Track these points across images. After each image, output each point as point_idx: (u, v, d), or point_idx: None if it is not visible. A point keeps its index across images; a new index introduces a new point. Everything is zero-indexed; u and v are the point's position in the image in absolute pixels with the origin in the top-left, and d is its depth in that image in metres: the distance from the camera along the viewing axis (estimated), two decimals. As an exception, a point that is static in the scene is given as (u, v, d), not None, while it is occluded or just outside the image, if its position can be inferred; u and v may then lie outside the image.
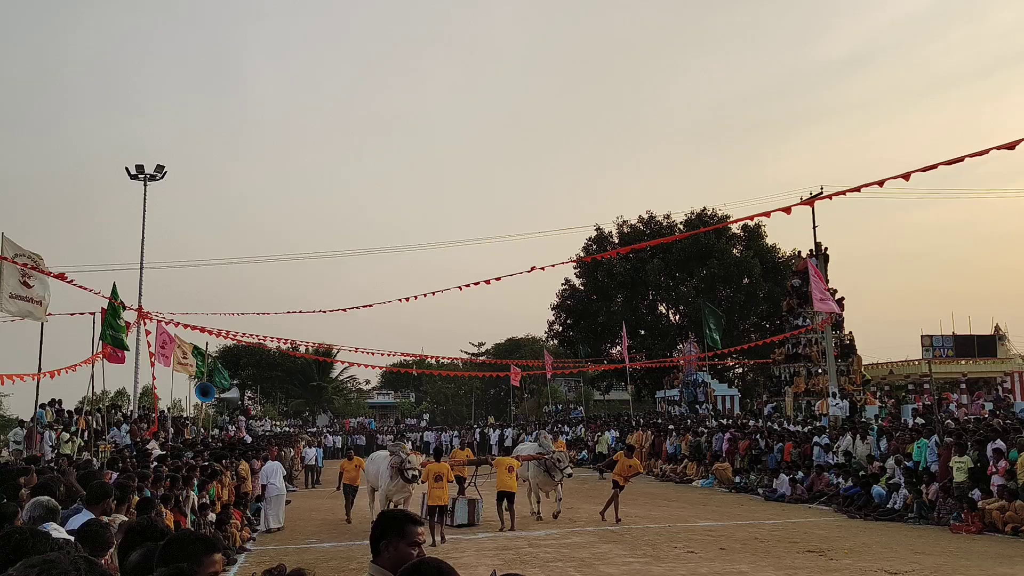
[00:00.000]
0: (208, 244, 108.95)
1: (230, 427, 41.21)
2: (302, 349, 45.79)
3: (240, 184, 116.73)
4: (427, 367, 53.92)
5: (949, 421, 23.81)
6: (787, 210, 16.54)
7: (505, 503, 16.87)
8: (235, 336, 29.21)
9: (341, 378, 77.73)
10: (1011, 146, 11.31)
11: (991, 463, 16.48)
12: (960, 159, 10.64)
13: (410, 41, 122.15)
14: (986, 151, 11.73)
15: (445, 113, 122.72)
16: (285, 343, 35.04)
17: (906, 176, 12.43)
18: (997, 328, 45.26)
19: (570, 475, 18.46)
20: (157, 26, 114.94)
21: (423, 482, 16.05)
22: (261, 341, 31.20)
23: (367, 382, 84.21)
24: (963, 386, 37.74)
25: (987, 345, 43.20)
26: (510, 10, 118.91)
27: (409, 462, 16.19)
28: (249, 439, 31.30)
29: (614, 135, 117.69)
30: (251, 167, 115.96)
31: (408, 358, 53.23)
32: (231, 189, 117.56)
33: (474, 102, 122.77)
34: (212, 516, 13.74)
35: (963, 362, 41.43)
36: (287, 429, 54.97)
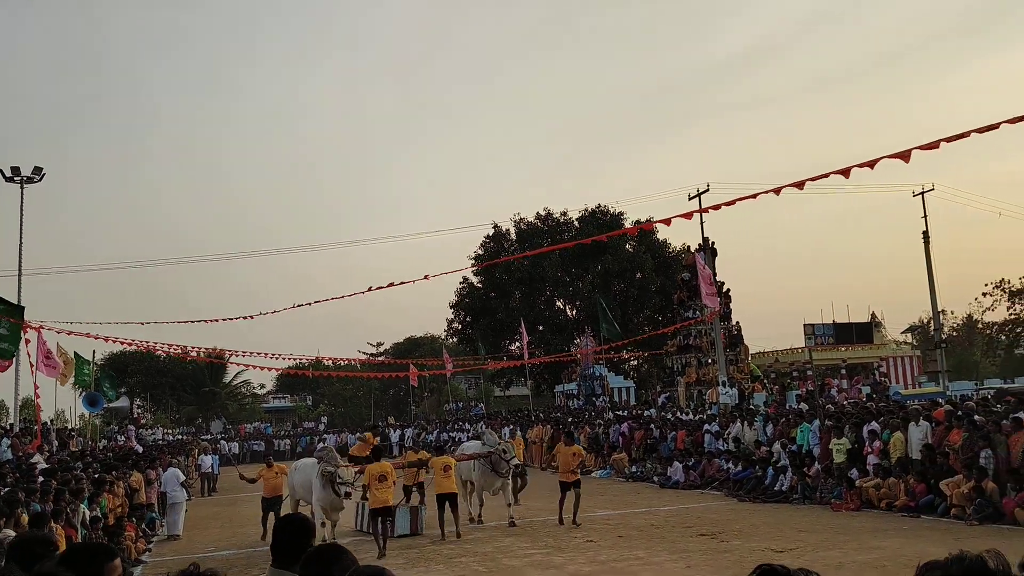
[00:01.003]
0: (90, 248, 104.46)
1: (119, 437, 39.76)
2: (193, 354, 44.61)
3: (128, 185, 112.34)
4: (324, 369, 53.22)
5: (830, 406, 25.14)
6: (686, 215, 17.32)
7: (448, 506, 15.17)
8: (124, 341, 28.19)
9: (235, 383, 75.88)
10: (905, 156, 11.80)
11: (867, 444, 17.52)
12: (847, 169, 11.14)
13: (293, 34, 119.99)
14: (877, 160, 12.28)
15: (335, 109, 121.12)
16: (175, 349, 34.01)
17: (799, 185, 12.63)
18: (874, 316, 47.88)
19: (518, 465, 17.27)
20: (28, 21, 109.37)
21: (365, 484, 14.63)
22: (150, 347, 30.23)
23: (262, 386, 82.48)
24: (843, 371, 39.69)
25: (865, 332, 45.50)
26: (398, 5, 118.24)
27: (340, 476, 14.45)
28: (140, 449, 30.31)
29: (511, 131, 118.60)
30: (141, 168, 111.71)
31: (304, 360, 52.38)
32: (116, 190, 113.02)
33: (363, 97, 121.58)
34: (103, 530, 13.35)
35: (843, 349, 43.51)
36: (180, 437, 53.36)
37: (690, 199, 32.78)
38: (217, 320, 24.89)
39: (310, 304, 20.84)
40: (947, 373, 36.15)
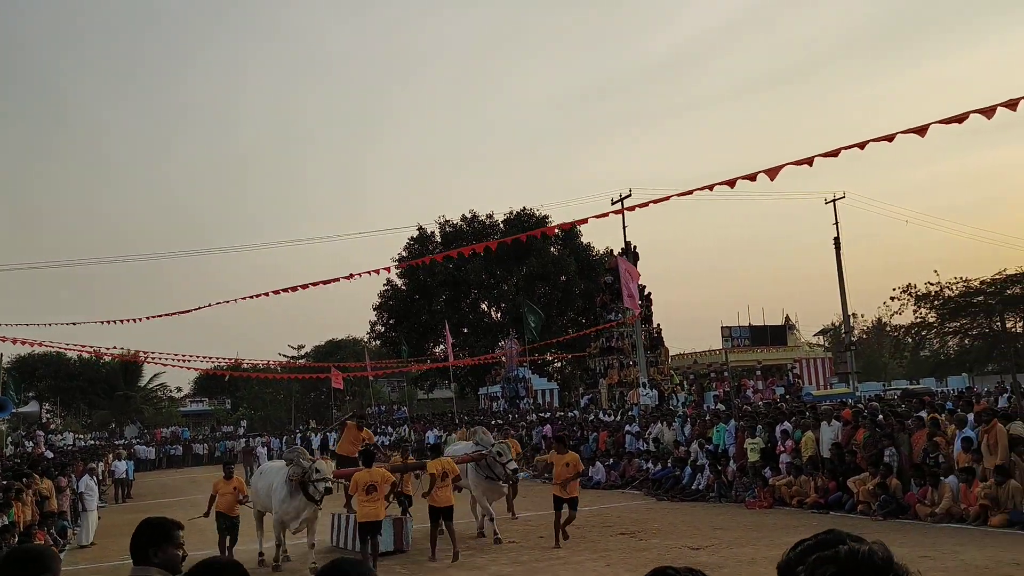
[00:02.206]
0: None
1: (27, 443, 38.36)
2: (106, 358, 43.22)
3: (41, 184, 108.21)
4: (244, 371, 52.21)
5: (746, 406, 25.89)
6: (605, 215, 17.82)
7: (441, 523, 12.97)
8: (31, 342, 27.20)
9: (151, 386, 73.85)
10: (808, 161, 12.46)
11: (779, 443, 18.12)
12: (754, 175, 11.61)
13: (223, 32, 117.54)
14: (780, 167, 12.85)
15: (259, 107, 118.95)
16: (87, 350, 32.96)
17: (710, 187, 13.33)
18: (787, 319, 49.35)
19: (515, 471, 14.80)
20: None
21: (351, 494, 12.74)
22: (61, 348, 29.27)
23: (179, 390, 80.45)
24: (758, 373, 40.85)
25: (779, 335, 46.96)
26: (331, 5, 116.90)
27: (317, 470, 12.51)
28: (51, 455, 29.30)
29: (436, 133, 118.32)
30: (52, 162, 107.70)
31: (223, 363, 51.27)
32: (30, 189, 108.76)
33: (293, 96, 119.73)
34: (15, 540, 12.93)
35: (758, 350, 44.79)
36: (92, 442, 51.73)
37: (613, 204, 33.34)
38: (124, 321, 24.11)
39: (225, 303, 20.47)
40: (857, 374, 37.51)
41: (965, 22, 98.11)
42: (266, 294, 19.95)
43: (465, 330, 54.42)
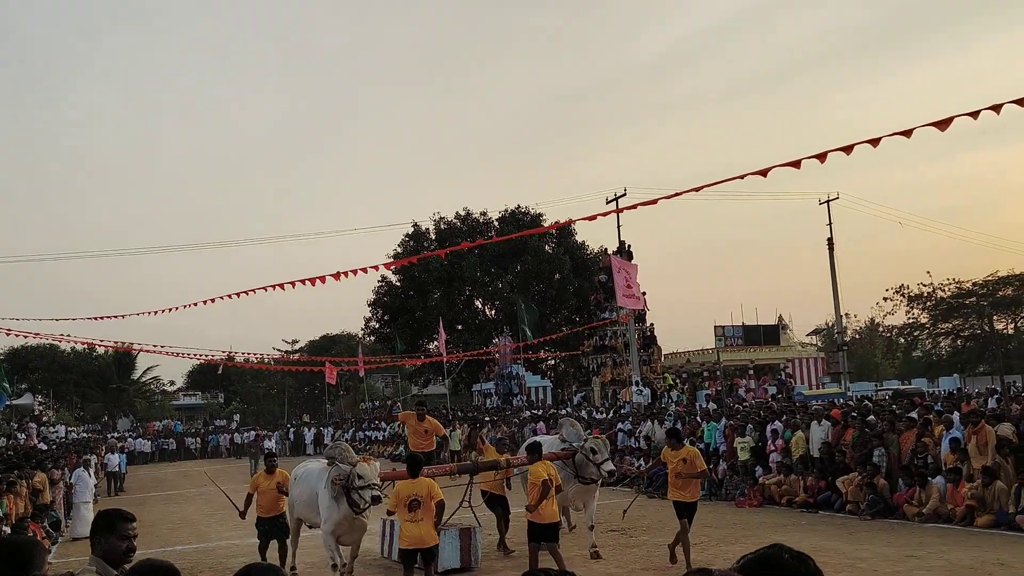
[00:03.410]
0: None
1: (19, 435, 38.35)
2: (100, 350, 43.29)
3: (30, 175, 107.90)
4: (238, 364, 52.21)
5: (738, 405, 26.05)
6: (599, 216, 17.88)
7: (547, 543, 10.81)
8: (25, 333, 27.16)
9: (144, 379, 73.83)
10: (796, 164, 12.59)
11: (769, 442, 18.26)
12: (744, 176, 11.68)
13: (218, 23, 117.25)
14: (769, 169, 12.96)
15: (256, 101, 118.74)
16: (81, 342, 32.93)
17: (697, 189, 13.28)
18: (780, 319, 49.56)
19: (612, 472, 12.56)
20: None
21: (391, 511, 9.95)
22: (56, 340, 29.19)
23: (171, 383, 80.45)
24: (751, 372, 41.07)
25: (772, 334, 47.17)
26: (326, 2, 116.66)
27: (359, 476, 10.02)
28: (44, 447, 29.34)
29: (432, 130, 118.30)
30: (45, 153, 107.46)
31: (217, 357, 51.26)
32: (21, 180, 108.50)
33: (288, 91, 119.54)
34: (7, 530, 13.00)
35: (751, 350, 44.99)
36: (85, 435, 51.70)
37: (608, 203, 33.47)
38: (119, 316, 24.01)
39: (215, 300, 20.28)
40: (849, 374, 37.82)
41: (954, 24, 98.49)
42: (254, 291, 19.82)
43: (459, 327, 54.52)
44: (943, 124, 8.11)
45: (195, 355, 41.27)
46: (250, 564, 2.90)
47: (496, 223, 54.84)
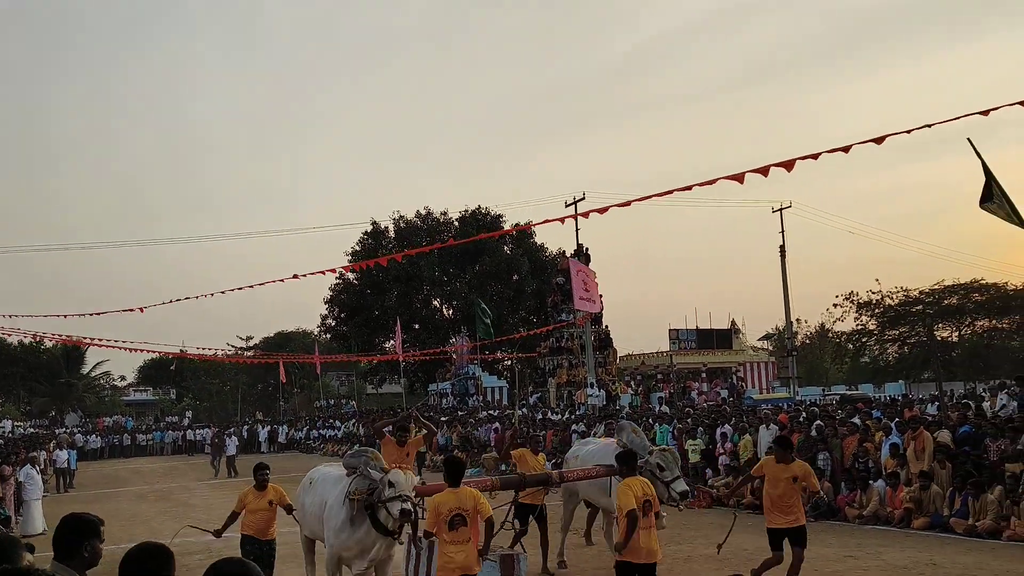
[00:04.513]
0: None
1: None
2: (48, 344, 42.50)
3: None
4: (189, 361, 51.68)
5: (689, 408, 26.57)
6: (555, 220, 18.10)
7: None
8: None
9: (93, 374, 72.63)
10: (739, 178, 13.01)
11: (719, 445, 18.73)
12: (691, 186, 12.06)
13: (174, 16, 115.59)
14: (715, 180, 13.36)
15: (210, 94, 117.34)
16: (28, 337, 32.45)
17: (645, 198, 13.51)
18: (734, 323, 50.40)
19: (684, 495, 9.54)
20: None
21: (429, 529, 7.40)
22: (2, 334, 28.79)
23: (122, 378, 79.28)
24: (703, 375, 41.75)
25: (725, 338, 47.91)
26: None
27: (391, 484, 7.86)
28: (-9, 443, 28.81)
29: (393, 128, 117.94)
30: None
31: (169, 351, 50.70)
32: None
33: (244, 84, 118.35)
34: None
35: (704, 353, 45.68)
36: (32, 430, 50.81)
37: (567, 206, 33.85)
38: (67, 316, 23.70)
39: (170, 302, 20.21)
40: (799, 379, 38.65)
41: (915, 35, 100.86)
42: (211, 294, 19.80)
43: (416, 326, 54.57)
44: (879, 140, 8.59)
45: (147, 349, 40.83)
46: (220, 559, 2.98)
47: (456, 223, 55.01)
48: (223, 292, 18.98)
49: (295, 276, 16.90)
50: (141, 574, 3.13)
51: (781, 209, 37.52)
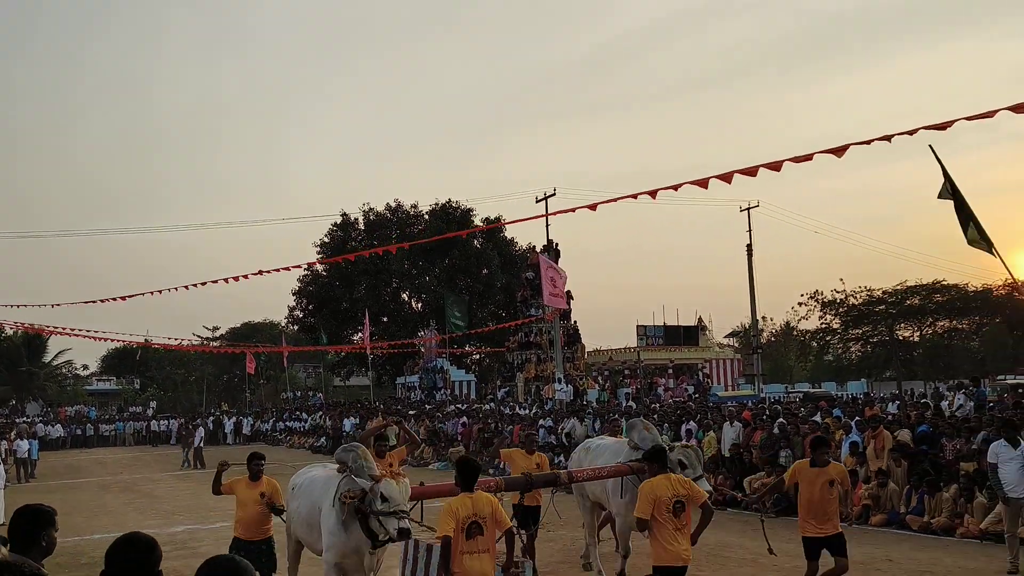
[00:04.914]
0: None
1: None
2: (8, 331, 41.76)
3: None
4: (153, 351, 51.10)
5: (655, 404, 26.83)
6: (527, 220, 18.22)
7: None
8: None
9: (55, 363, 71.56)
10: (703, 183, 13.17)
11: (684, 441, 18.95)
12: (655, 191, 12.19)
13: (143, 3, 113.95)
14: (680, 184, 13.53)
15: (178, 81, 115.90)
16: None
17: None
18: (700, 320, 50.79)
19: (710, 494, 8.26)
20: None
21: (439, 537, 6.64)
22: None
23: (85, 367, 78.21)
24: (670, 371, 42.07)
25: (692, 335, 48.29)
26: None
27: (383, 497, 7.24)
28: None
29: (364, 120, 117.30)
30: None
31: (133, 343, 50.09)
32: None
33: (213, 72, 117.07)
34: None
35: (671, 350, 46.04)
36: (-9, 420, 49.96)
37: (537, 202, 33.96)
38: (26, 305, 23.46)
39: (141, 295, 20.07)
40: (763, 376, 39.13)
41: (881, 39, 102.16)
42: (176, 288, 19.68)
43: (385, 319, 54.44)
44: (839, 151, 8.78)
45: (111, 339, 40.37)
46: (212, 557, 2.99)
47: (426, 216, 54.91)
48: (187, 287, 18.90)
49: (259, 272, 16.87)
50: (127, 564, 3.16)
51: (749, 208, 37.97)
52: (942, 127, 8.21)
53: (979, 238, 8.52)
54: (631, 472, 9.18)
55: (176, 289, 19.22)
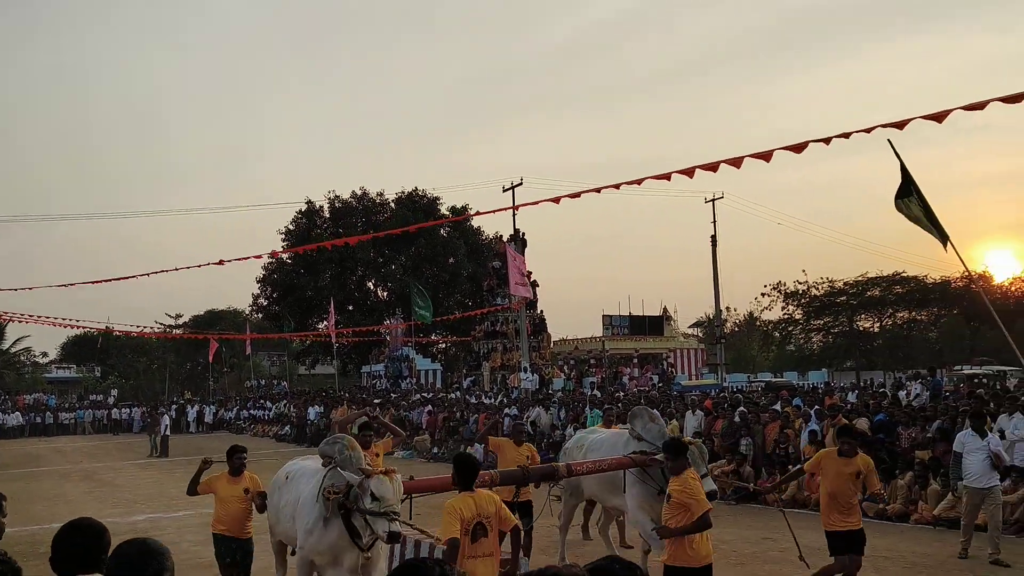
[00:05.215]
0: None
1: None
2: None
3: None
4: (115, 338, 50.44)
5: (620, 393, 27.06)
6: (494, 212, 18.23)
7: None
8: None
9: (13, 350, 70.35)
10: (666, 177, 13.32)
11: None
12: (643, 179, 12.28)
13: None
14: (643, 179, 13.66)
15: (143, 68, 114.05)
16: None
17: (575, 196, 13.66)
18: (665, 310, 51.22)
19: (712, 494, 7.84)
20: None
21: (445, 540, 5.83)
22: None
23: (44, 355, 76.98)
24: (635, 361, 42.38)
25: (656, 325, 48.70)
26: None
27: (374, 496, 6.58)
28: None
29: (330, 107, 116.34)
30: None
31: (93, 329, 49.35)
32: None
33: (179, 57, 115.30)
34: None
35: (636, 339, 46.38)
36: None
37: (504, 191, 34.00)
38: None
39: (101, 282, 19.86)
40: (726, 366, 39.54)
41: (848, 35, 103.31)
42: (137, 276, 19.48)
43: (350, 308, 54.21)
44: (798, 148, 8.94)
45: (71, 325, 39.70)
46: (123, 541, 2.93)
47: (392, 204, 54.69)
48: (147, 275, 18.71)
49: (220, 262, 16.59)
50: (73, 550, 3.09)
51: (713, 200, 38.29)
52: (900, 125, 8.38)
53: (933, 229, 8.69)
54: (634, 465, 8.74)
55: (137, 277, 19.01)
